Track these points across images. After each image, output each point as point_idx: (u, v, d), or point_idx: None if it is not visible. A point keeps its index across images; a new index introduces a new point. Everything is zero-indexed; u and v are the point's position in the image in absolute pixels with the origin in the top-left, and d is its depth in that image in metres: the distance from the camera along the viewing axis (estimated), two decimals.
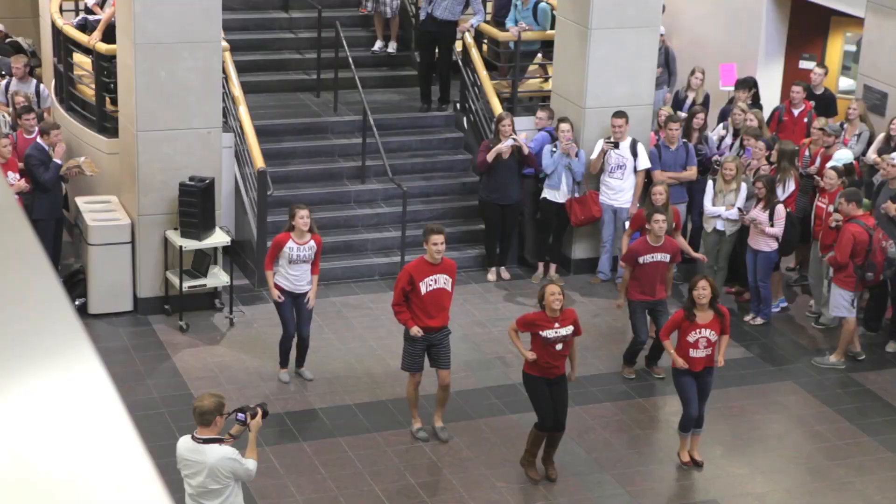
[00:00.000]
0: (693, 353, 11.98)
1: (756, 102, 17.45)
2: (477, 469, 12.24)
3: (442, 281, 12.29)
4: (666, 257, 13.53)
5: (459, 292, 15.80)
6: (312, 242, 13.06)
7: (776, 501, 12.10)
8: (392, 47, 18.68)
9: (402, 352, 12.53)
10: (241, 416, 9.64)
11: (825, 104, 17.18)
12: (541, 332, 11.58)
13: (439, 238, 12.19)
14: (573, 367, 11.97)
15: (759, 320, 15.32)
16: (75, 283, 14.88)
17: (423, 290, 12.19)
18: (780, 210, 14.81)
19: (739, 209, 15.07)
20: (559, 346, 11.64)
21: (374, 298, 15.49)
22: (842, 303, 14.27)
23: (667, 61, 18.88)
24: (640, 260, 13.45)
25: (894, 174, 14.51)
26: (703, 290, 11.88)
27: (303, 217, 12.91)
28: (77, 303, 14.67)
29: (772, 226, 14.72)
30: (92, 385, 2.16)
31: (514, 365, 13.49)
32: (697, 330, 11.94)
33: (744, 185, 15.23)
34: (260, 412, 9.70)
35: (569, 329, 11.68)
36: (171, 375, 13.65)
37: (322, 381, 13.57)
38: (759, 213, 14.77)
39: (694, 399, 12.14)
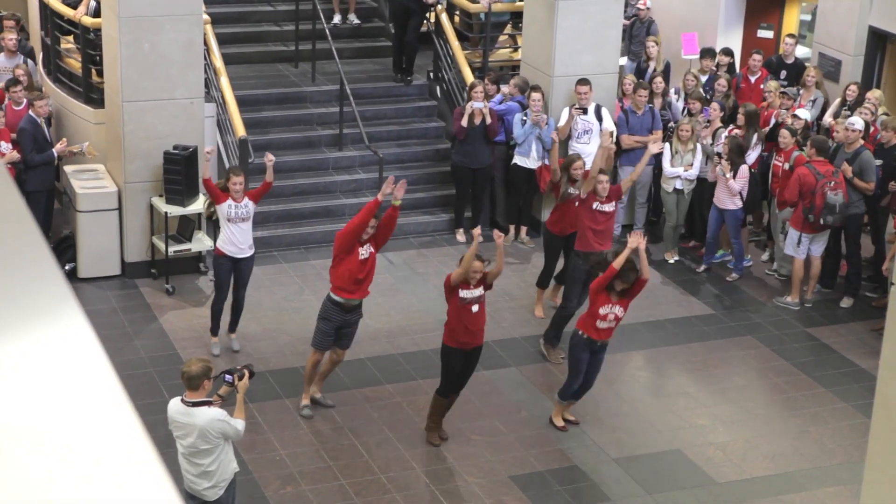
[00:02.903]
0: (600, 324, 11.70)
1: (731, 69, 17.47)
2: (452, 423, 12.26)
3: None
4: (612, 207, 13.30)
5: (435, 254, 15.84)
6: (248, 201, 12.94)
7: (737, 450, 12.18)
8: (353, 19, 18.59)
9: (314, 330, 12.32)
10: (228, 377, 9.67)
11: (796, 72, 17.21)
12: (460, 292, 11.50)
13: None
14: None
15: (734, 276, 15.45)
16: (65, 249, 14.85)
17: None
18: (744, 170, 14.95)
19: (717, 154, 15.14)
20: (475, 308, 11.54)
21: None
22: (790, 241, 14.65)
23: (648, 32, 18.83)
24: (594, 208, 13.18)
25: (852, 138, 14.56)
26: (624, 283, 11.55)
27: (236, 184, 12.80)
28: (67, 267, 14.64)
29: (735, 177, 14.87)
30: (80, 345, 2.15)
31: (488, 320, 13.52)
32: (610, 305, 11.72)
33: (699, 146, 15.38)
34: (247, 373, 9.74)
35: (481, 290, 11.57)
36: (157, 336, 13.64)
37: (303, 341, 13.55)
38: (723, 167, 14.91)
39: (582, 374, 11.97)
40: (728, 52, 17.73)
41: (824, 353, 14.00)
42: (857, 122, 14.59)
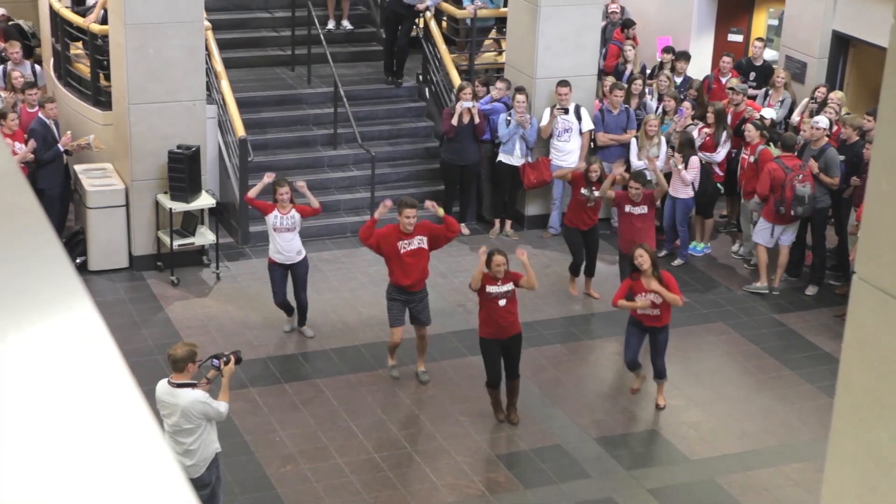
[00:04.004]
0: (640, 311, 12.02)
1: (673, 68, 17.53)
2: (442, 405, 12.29)
3: (416, 242, 12.30)
4: (644, 209, 13.69)
5: None
6: (294, 212, 13.01)
7: (709, 429, 12.22)
8: (346, 24, 18.57)
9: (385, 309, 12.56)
10: (215, 361, 9.70)
11: (764, 74, 17.25)
12: (486, 288, 11.61)
13: (412, 212, 12.22)
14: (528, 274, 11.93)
15: (678, 261, 15.53)
16: (76, 243, 14.83)
17: (400, 250, 12.22)
18: (695, 161, 15.14)
19: (671, 147, 15.29)
20: (503, 302, 11.64)
21: (347, 254, 15.49)
22: (759, 229, 14.83)
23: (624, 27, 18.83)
24: (626, 209, 13.70)
25: (817, 136, 14.60)
26: (640, 258, 11.85)
27: (282, 194, 12.87)
28: (78, 261, 14.62)
29: (686, 168, 15.03)
30: (90, 333, 2.16)
31: (473, 312, 13.52)
32: (643, 294, 11.93)
33: (663, 140, 15.49)
34: (233, 359, 9.75)
35: (510, 286, 11.67)
36: (163, 325, 13.63)
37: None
38: (677, 159, 15.11)
39: (633, 345, 12.27)
40: (685, 55, 17.72)
41: (791, 338, 14.03)
42: (822, 120, 14.63)
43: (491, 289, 11.60)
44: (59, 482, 1.84)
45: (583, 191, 14.02)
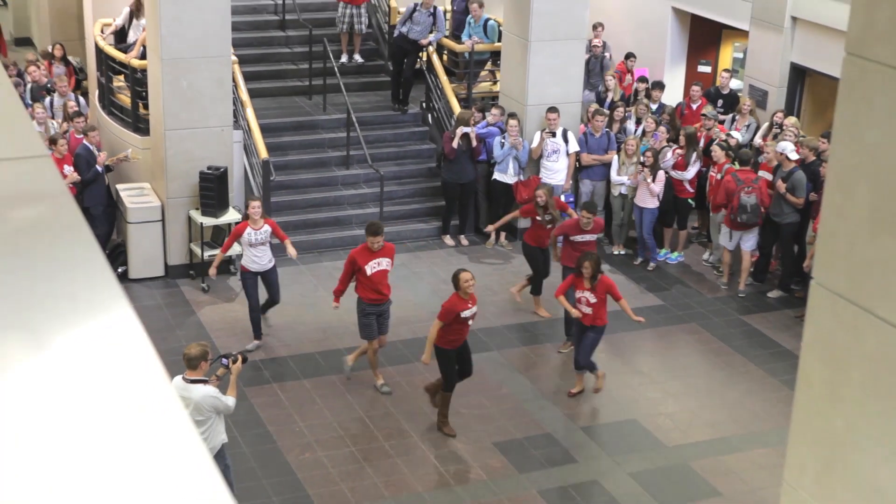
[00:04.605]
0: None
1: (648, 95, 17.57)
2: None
3: (385, 263, 12.06)
4: (594, 237, 13.35)
5: (428, 256, 15.84)
6: (266, 226, 12.83)
7: (683, 419, 12.20)
8: (357, 58, 18.57)
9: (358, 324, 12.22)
10: (224, 360, 9.72)
11: (731, 101, 17.27)
12: (460, 313, 11.27)
13: (379, 239, 11.89)
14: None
15: (651, 265, 15.56)
16: (118, 254, 14.84)
17: (368, 271, 11.95)
18: (661, 175, 15.27)
19: (641, 164, 15.34)
20: (472, 321, 11.43)
21: None
22: (722, 234, 15.09)
23: (602, 66, 18.85)
24: (573, 238, 13.26)
25: (780, 160, 14.60)
26: (586, 270, 11.79)
27: (254, 207, 12.69)
28: (119, 270, 14.62)
29: (654, 181, 15.16)
30: (129, 335, 2.16)
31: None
32: (581, 291, 11.92)
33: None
34: (240, 358, 9.77)
35: (476, 307, 11.39)
36: (195, 327, 13.62)
37: (317, 330, 13.57)
38: (646, 174, 15.21)
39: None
40: (659, 84, 17.75)
41: (756, 337, 14.01)
42: (789, 147, 14.58)
43: (465, 313, 11.27)
44: (102, 467, 1.85)
45: (538, 217, 13.64)
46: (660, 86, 17.65)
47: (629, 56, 18.89)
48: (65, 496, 1.78)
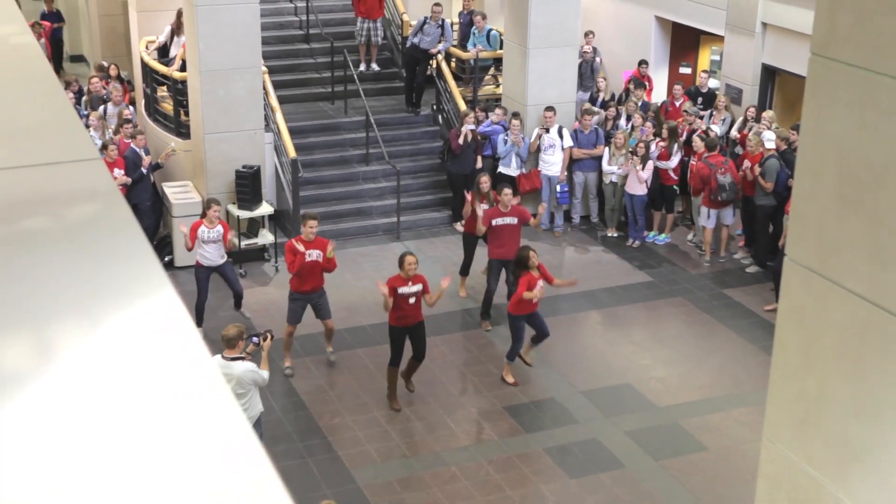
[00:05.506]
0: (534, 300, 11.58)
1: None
2: (458, 369, 12.24)
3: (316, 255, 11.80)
4: (514, 220, 12.97)
5: (440, 241, 15.81)
6: (220, 227, 12.59)
7: (673, 383, 12.19)
8: (374, 66, 18.52)
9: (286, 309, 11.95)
10: (255, 339, 9.72)
11: (709, 99, 17.21)
12: (398, 289, 11.13)
13: (314, 223, 11.68)
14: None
15: (636, 243, 15.64)
16: (164, 245, 14.86)
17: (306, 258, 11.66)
18: (650, 164, 15.30)
19: (632, 153, 15.33)
20: (412, 300, 11.19)
21: (378, 249, 15.47)
22: (702, 215, 15.08)
23: (592, 69, 18.75)
24: (493, 223, 12.90)
25: (760, 149, 14.55)
26: (533, 258, 11.43)
27: (215, 211, 12.42)
28: (165, 259, 14.64)
29: (643, 169, 15.20)
30: (175, 317, 2.16)
31: (482, 294, 13.50)
32: (538, 284, 11.47)
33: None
34: (269, 335, 9.78)
35: (419, 286, 11.17)
36: (234, 309, 13.60)
37: (342, 309, 13.56)
38: (636, 163, 15.21)
39: (523, 338, 11.76)
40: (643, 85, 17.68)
41: (735, 308, 13.98)
42: (770, 137, 14.56)
43: (402, 290, 11.10)
44: (154, 435, 1.85)
45: (478, 207, 13.13)
46: (641, 85, 17.59)
47: (642, 63, 18.61)
48: (123, 460, 1.78)
